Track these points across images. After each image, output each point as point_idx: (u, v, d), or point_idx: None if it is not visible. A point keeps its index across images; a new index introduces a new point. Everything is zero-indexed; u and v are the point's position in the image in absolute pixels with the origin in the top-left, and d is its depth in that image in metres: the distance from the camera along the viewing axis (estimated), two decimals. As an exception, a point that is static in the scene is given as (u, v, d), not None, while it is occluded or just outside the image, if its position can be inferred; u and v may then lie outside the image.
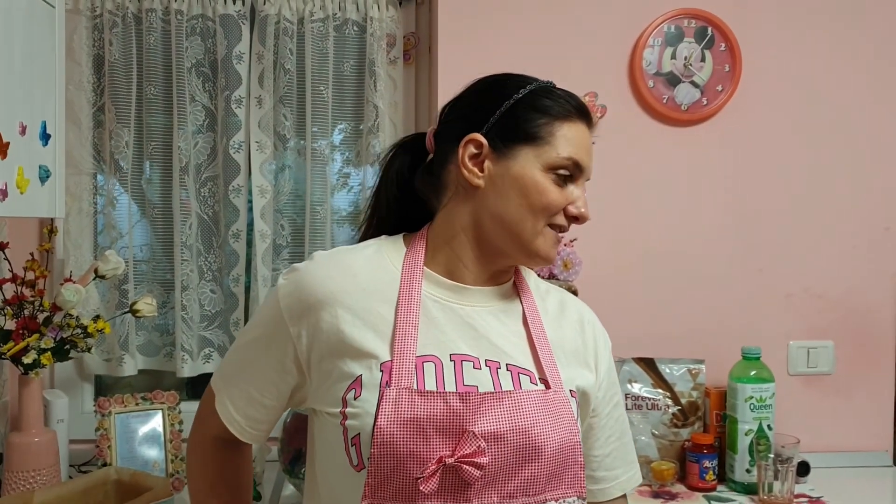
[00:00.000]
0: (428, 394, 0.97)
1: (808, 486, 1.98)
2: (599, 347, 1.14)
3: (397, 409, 0.96)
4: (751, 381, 1.96)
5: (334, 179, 2.20)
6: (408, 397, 0.97)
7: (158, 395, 1.99)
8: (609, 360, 1.15)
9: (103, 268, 1.84)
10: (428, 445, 0.95)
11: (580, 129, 1.06)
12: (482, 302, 1.07)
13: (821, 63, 2.16)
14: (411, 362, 0.99)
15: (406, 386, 0.97)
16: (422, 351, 1.00)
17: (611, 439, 1.15)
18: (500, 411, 0.97)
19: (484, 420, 0.96)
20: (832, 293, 2.19)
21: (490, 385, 0.99)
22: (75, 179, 2.09)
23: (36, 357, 1.71)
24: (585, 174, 1.08)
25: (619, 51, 2.12)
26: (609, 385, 1.14)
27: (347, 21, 2.16)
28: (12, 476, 1.72)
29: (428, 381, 0.98)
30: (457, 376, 0.99)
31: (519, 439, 0.97)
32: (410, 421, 0.95)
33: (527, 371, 1.03)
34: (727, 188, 2.16)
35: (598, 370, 1.13)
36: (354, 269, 1.05)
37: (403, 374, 0.98)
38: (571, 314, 1.14)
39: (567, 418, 1.01)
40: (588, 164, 1.07)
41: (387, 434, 0.95)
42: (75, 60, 2.07)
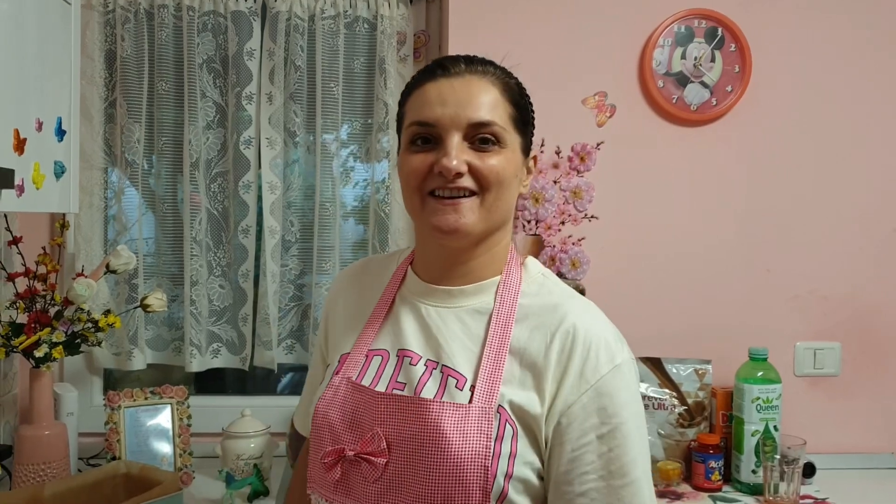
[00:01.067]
0: (360, 388, 1.02)
1: (813, 488, 1.99)
2: (570, 372, 0.96)
3: (335, 396, 1.04)
4: (757, 382, 1.97)
5: (342, 175, 2.20)
6: (345, 387, 1.04)
7: (167, 390, 2.01)
8: (588, 392, 0.95)
9: (115, 262, 1.85)
10: (349, 436, 1.00)
11: (430, 87, 1.01)
12: (449, 302, 1.05)
13: (830, 64, 2.16)
14: (363, 354, 1.06)
15: (348, 376, 1.04)
16: (378, 345, 1.07)
17: (587, 477, 0.94)
18: (408, 417, 0.96)
19: (392, 422, 0.97)
20: (839, 294, 2.19)
21: (415, 384, 0.99)
22: (86, 174, 2.10)
23: (47, 351, 1.73)
24: (455, 123, 0.98)
25: (628, 50, 2.13)
26: (586, 414, 0.95)
27: (358, 18, 2.17)
28: (23, 468, 1.74)
29: (369, 373, 1.04)
30: (395, 371, 1.03)
31: (418, 449, 0.94)
32: (341, 408, 1.02)
33: (460, 376, 0.98)
34: (735, 189, 2.17)
35: (560, 392, 0.96)
36: (359, 273, 1.18)
37: (351, 365, 1.06)
38: (556, 327, 0.99)
39: (477, 435, 0.93)
40: (450, 113, 0.98)
41: (320, 416, 1.04)
42: (87, 56, 2.08)
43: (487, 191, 0.99)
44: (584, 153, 2.11)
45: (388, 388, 1.00)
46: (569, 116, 2.11)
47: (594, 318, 1.02)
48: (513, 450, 0.94)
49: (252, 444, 1.92)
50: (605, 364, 0.96)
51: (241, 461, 1.89)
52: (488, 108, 1.00)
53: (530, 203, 2.10)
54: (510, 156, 1.02)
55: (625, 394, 0.96)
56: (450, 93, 1.00)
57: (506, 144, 1.01)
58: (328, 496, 1.01)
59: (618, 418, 0.95)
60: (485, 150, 1.00)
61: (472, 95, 1.00)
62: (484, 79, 1.02)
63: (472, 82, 1.01)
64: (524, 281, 1.06)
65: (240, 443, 1.91)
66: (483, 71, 1.03)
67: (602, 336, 0.99)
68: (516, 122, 1.03)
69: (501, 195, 1.01)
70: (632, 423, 0.96)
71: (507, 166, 1.01)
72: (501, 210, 1.03)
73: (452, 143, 0.98)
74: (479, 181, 0.99)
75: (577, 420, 0.94)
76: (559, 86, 2.10)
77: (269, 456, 1.95)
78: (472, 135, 0.99)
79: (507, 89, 1.03)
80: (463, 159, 0.98)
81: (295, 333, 2.23)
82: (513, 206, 1.06)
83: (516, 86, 1.06)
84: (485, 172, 0.99)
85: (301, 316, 2.23)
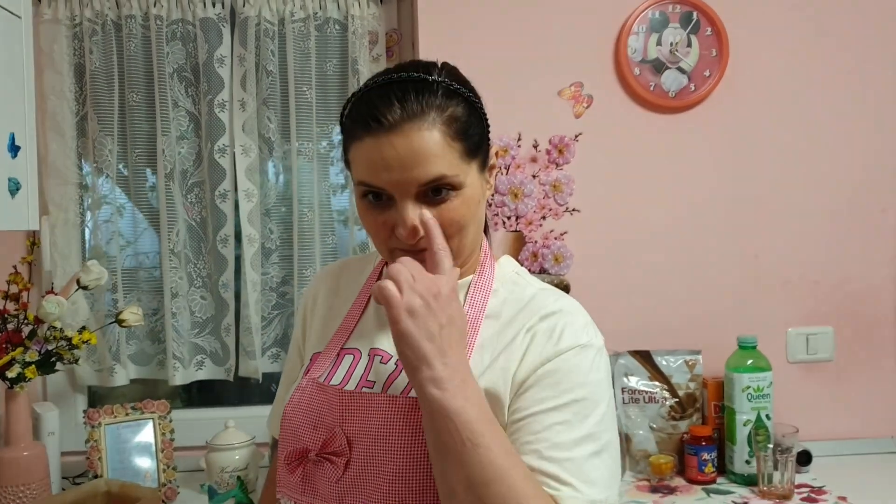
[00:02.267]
0: (326, 387, 1.02)
1: (810, 476, 1.95)
2: (532, 349, 0.96)
3: (301, 398, 1.04)
4: (747, 371, 1.93)
5: (321, 181, 2.17)
6: (311, 388, 1.04)
7: (149, 405, 1.98)
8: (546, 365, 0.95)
9: (85, 278, 1.82)
10: (311, 436, 1.00)
11: (369, 144, 0.93)
12: None
13: (809, 43, 2.12)
14: (335, 353, 1.06)
15: (314, 377, 1.04)
16: (350, 344, 1.07)
17: (529, 447, 0.91)
18: (369, 414, 0.96)
19: (353, 420, 0.97)
20: (830, 278, 2.15)
21: (384, 380, 1.00)
22: (60, 190, 2.08)
23: (20, 371, 1.70)
24: (405, 188, 0.93)
25: (603, 39, 2.09)
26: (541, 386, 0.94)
27: (329, 20, 2.14)
28: (2, 491, 1.71)
29: (339, 371, 1.04)
30: (366, 370, 1.02)
31: (376, 445, 0.94)
32: (307, 411, 1.02)
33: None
34: (719, 175, 2.13)
35: (520, 368, 0.96)
36: (337, 273, 1.19)
37: (319, 365, 1.06)
38: (526, 319, 1.00)
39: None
40: (396, 178, 0.92)
41: (287, 419, 1.04)
42: (56, 70, 2.06)
43: (450, 238, 0.96)
44: (563, 145, 2.08)
45: (357, 386, 1.01)
46: (545, 109, 2.08)
47: (567, 304, 1.02)
48: None
49: (237, 456, 1.89)
50: (568, 341, 0.96)
51: (225, 473, 1.87)
52: (436, 162, 0.92)
53: (509, 199, 2.07)
54: (469, 191, 0.96)
55: (584, 375, 0.95)
56: (392, 155, 0.92)
57: (463, 185, 0.95)
58: (296, 498, 1.01)
59: (570, 395, 0.93)
60: (441, 200, 0.95)
61: (414, 154, 0.92)
62: (424, 125, 0.92)
63: (411, 136, 0.91)
64: (497, 279, 1.06)
65: (224, 455, 1.89)
66: (421, 114, 0.92)
67: (571, 319, 0.99)
68: (469, 153, 0.96)
69: (467, 235, 0.99)
70: (589, 406, 0.93)
71: (469, 205, 0.97)
72: (471, 242, 1.01)
73: (406, 211, 0.94)
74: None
75: (530, 390, 0.94)
76: (534, 79, 2.07)
77: (255, 467, 1.93)
78: (424, 191, 0.94)
79: (450, 125, 0.94)
80: (418, 220, 0.94)
81: (279, 342, 2.20)
82: (482, 223, 1.05)
83: (461, 108, 0.96)
84: (444, 226, 0.95)
85: (284, 324, 2.20)
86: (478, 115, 0.99)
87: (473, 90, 1.01)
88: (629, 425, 1.99)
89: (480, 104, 1.01)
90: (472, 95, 0.99)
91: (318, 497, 0.98)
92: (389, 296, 0.87)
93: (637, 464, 1.99)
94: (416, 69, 0.97)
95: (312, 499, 0.99)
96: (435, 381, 0.86)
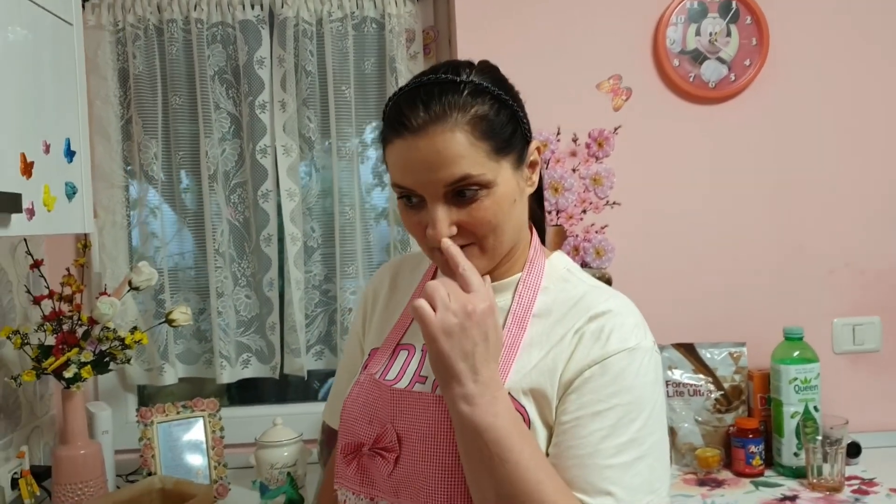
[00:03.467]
0: (381, 384, 1.04)
1: (860, 468, 1.93)
2: (580, 349, 0.96)
3: (359, 393, 1.06)
4: (794, 363, 1.92)
5: (362, 178, 2.19)
6: (368, 383, 1.06)
7: (199, 403, 2.02)
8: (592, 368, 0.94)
9: (137, 279, 1.86)
10: (366, 431, 1.02)
11: (399, 147, 0.96)
12: None
13: (850, 30, 2.10)
14: (389, 350, 1.09)
15: (371, 372, 1.07)
16: (406, 339, 1.10)
17: (573, 451, 0.92)
18: (420, 413, 0.98)
19: (405, 418, 0.99)
20: (876, 267, 2.12)
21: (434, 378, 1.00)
22: (108, 193, 2.12)
23: (76, 371, 1.74)
24: (432, 189, 0.95)
25: (641, 31, 2.08)
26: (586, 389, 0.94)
27: (366, 19, 2.16)
28: (61, 489, 1.76)
29: (395, 367, 1.06)
30: (419, 366, 1.04)
31: (423, 444, 0.96)
32: (363, 406, 1.04)
33: None
34: (762, 165, 2.11)
35: (567, 369, 0.96)
36: (396, 270, 1.21)
37: (376, 360, 1.09)
38: (577, 318, 0.99)
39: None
40: (422, 179, 0.95)
41: (346, 413, 1.06)
42: (101, 75, 2.10)
43: (484, 238, 0.98)
44: (602, 139, 2.08)
45: (410, 382, 1.03)
46: (584, 103, 2.08)
47: (617, 304, 1.00)
48: None
49: (285, 453, 1.92)
50: (616, 344, 0.95)
51: (274, 470, 1.89)
52: (460, 163, 0.93)
53: (550, 193, 2.07)
54: (501, 189, 0.97)
55: (633, 379, 0.94)
56: (417, 157, 0.94)
57: (492, 183, 0.96)
58: (353, 489, 1.04)
59: (616, 399, 0.93)
60: (471, 200, 0.95)
61: (439, 155, 0.93)
62: (447, 126, 0.93)
63: (435, 138, 0.93)
64: (547, 277, 1.06)
65: (273, 452, 1.91)
66: (444, 115, 0.93)
67: (619, 318, 0.98)
68: (498, 151, 0.96)
69: (503, 232, 0.99)
70: (634, 410, 0.93)
71: (501, 203, 0.97)
72: (509, 240, 1.01)
73: (435, 212, 0.96)
74: (473, 233, 0.97)
75: (575, 392, 0.94)
76: (572, 72, 2.07)
77: (303, 464, 1.95)
78: (452, 192, 0.95)
79: (475, 125, 0.94)
80: (449, 223, 0.96)
81: (323, 339, 2.23)
82: (523, 222, 1.04)
83: (488, 106, 0.96)
84: (475, 226, 0.97)
85: (328, 321, 2.22)
86: (510, 112, 0.99)
87: (507, 87, 1.01)
88: (674, 418, 1.99)
89: (513, 101, 1.00)
90: (502, 93, 0.98)
91: (376, 488, 1.01)
92: (424, 315, 0.90)
93: (683, 457, 1.98)
94: (447, 70, 0.98)
95: (371, 490, 1.02)
96: (466, 398, 0.89)
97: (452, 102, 0.94)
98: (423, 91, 0.96)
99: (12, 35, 1.25)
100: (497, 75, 1.01)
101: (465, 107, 0.94)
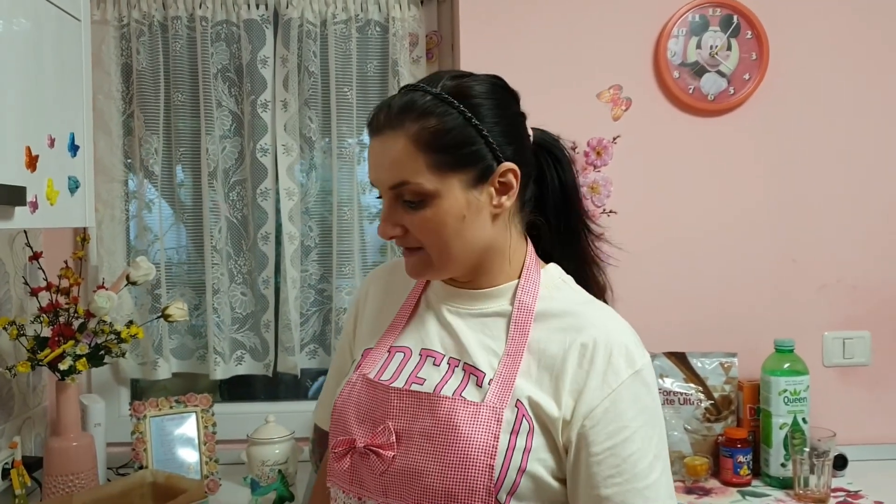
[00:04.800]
0: (376, 384, 1.05)
1: (845, 480, 1.95)
2: (592, 377, 0.97)
3: (351, 392, 1.07)
4: (784, 374, 1.94)
5: (360, 180, 2.20)
6: (361, 383, 1.07)
7: (192, 398, 2.02)
8: (610, 396, 0.96)
9: (135, 274, 1.87)
10: (359, 429, 1.03)
11: (370, 146, 1.03)
12: (471, 305, 1.07)
13: (850, 46, 2.12)
14: (385, 350, 1.09)
15: (364, 373, 1.07)
16: (401, 342, 1.10)
17: (612, 480, 0.95)
18: (421, 412, 0.99)
19: (403, 417, 1.00)
20: (867, 283, 2.14)
21: (437, 381, 1.02)
22: (107, 187, 2.13)
23: (72, 363, 1.75)
24: (381, 188, 1.02)
25: (642, 42, 2.10)
26: (608, 419, 0.96)
27: (370, 22, 2.17)
28: (52, 480, 1.76)
29: (390, 368, 1.07)
30: (416, 368, 1.05)
31: (426, 443, 0.97)
32: (356, 405, 1.05)
33: (480, 373, 1.00)
34: (757, 178, 2.13)
35: (582, 397, 0.96)
36: (389, 273, 1.21)
37: (370, 361, 1.09)
38: (576, 333, 1.00)
39: (485, 433, 0.95)
40: (374, 177, 1.02)
41: (338, 412, 1.07)
42: (104, 70, 2.10)
43: (429, 246, 1.02)
44: (601, 147, 2.09)
45: (406, 382, 1.03)
46: (584, 111, 2.09)
47: (614, 323, 1.03)
48: (527, 444, 0.96)
49: (277, 450, 1.93)
50: (626, 369, 0.98)
51: (265, 467, 1.90)
52: (398, 168, 0.98)
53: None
54: (446, 204, 0.98)
55: (645, 398, 0.99)
56: (372, 154, 1.02)
57: (433, 194, 0.98)
58: (344, 487, 1.05)
59: (638, 422, 0.97)
60: (413, 207, 1.00)
61: (384, 156, 1.00)
62: (396, 132, 0.98)
63: (385, 141, 0.99)
64: (543, 285, 1.07)
65: (264, 449, 1.92)
66: (398, 121, 0.98)
67: (622, 341, 1.00)
68: (443, 166, 0.98)
69: (448, 244, 1.01)
70: (651, 426, 0.99)
71: (444, 216, 0.99)
72: (460, 252, 1.02)
73: (383, 211, 1.03)
74: (417, 240, 1.02)
75: (600, 424, 0.96)
76: (573, 81, 2.09)
77: (295, 461, 1.96)
78: (398, 195, 1.00)
79: (420, 136, 0.97)
80: (392, 224, 1.02)
81: (317, 338, 2.24)
82: (481, 238, 1.03)
83: (448, 121, 0.97)
84: (416, 231, 1.01)
85: (323, 321, 2.24)
86: (473, 130, 0.99)
87: (484, 108, 1.00)
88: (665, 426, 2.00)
89: (483, 121, 0.99)
90: (467, 111, 0.98)
91: (364, 488, 1.02)
92: None
93: (671, 465, 1.99)
94: (428, 80, 1.02)
95: (359, 489, 1.02)
96: None
97: (409, 110, 0.98)
98: (397, 97, 1.01)
99: (19, 28, 1.26)
100: (476, 90, 1.00)
101: (419, 118, 0.97)
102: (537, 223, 1.12)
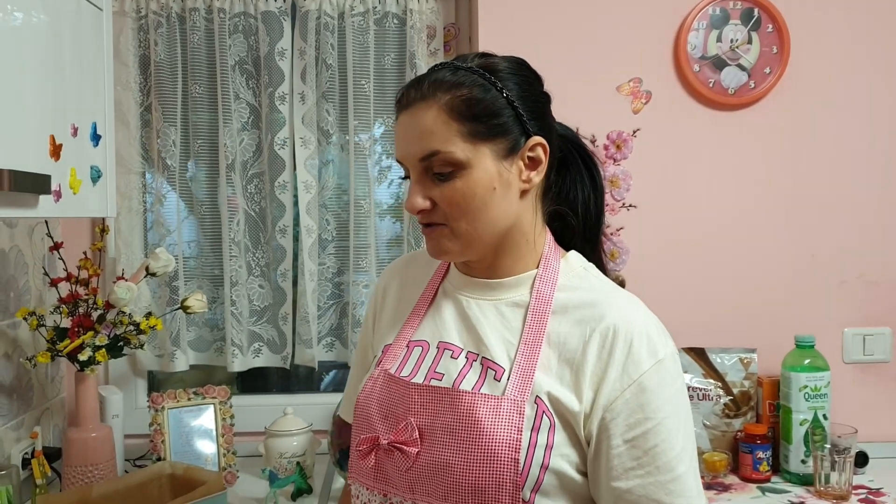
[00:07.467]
0: (397, 379, 1.04)
1: (867, 478, 1.94)
2: (612, 368, 0.95)
3: (373, 388, 1.06)
4: (805, 370, 1.92)
5: (377, 173, 2.20)
6: (382, 379, 1.06)
7: (210, 390, 2.02)
8: (631, 388, 0.94)
9: (154, 265, 1.87)
10: (382, 426, 1.02)
11: (397, 123, 1.03)
12: (489, 295, 1.06)
13: (871, 40, 2.10)
14: (404, 345, 1.09)
15: (385, 368, 1.07)
16: (419, 335, 1.09)
17: (634, 472, 0.93)
18: (442, 408, 0.98)
19: (425, 413, 0.99)
20: (888, 279, 2.13)
21: (455, 375, 1.01)
22: (125, 179, 2.13)
23: (91, 354, 1.75)
24: (410, 162, 1.01)
25: (662, 35, 2.09)
26: (630, 410, 0.94)
27: (388, 14, 2.16)
28: (71, 470, 1.77)
29: (409, 363, 1.06)
30: (434, 362, 1.04)
31: (450, 439, 0.95)
32: (379, 400, 1.04)
33: (498, 367, 0.99)
34: (777, 172, 2.11)
35: (602, 388, 0.95)
36: (406, 266, 1.21)
37: (390, 356, 1.09)
38: (597, 323, 0.98)
39: (507, 427, 0.94)
40: (403, 153, 1.02)
41: (360, 408, 1.07)
42: (122, 61, 2.10)
43: (455, 220, 1.00)
44: (620, 141, 2.08)
45: (426, 378, 1.02)
46: (603, 104, 2.08)
47: (636, 312, 1.00)
48: (549, 441, 0.94)
49: (295, 442, 1.93)
50: (648, 359, 0.95)
51: (283, 459, 1.90)
52: (430, 138, 0.97)
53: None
54: (477, 174, 0.98)
55: (668, 389, 0.96)
56: (402, 129, 1.01)
57: (467, 165, 0.97)
58: (367, 484, 1.03)
59: (662, 413, 0.94)
60: (443, 179, 0.99)
61: (415, 129, 0.99)
62: (428, 103, 0.98)
63: (416, 113, 0.99)
64: (564, 274, 1.05)
65: (282, 441, 1.92)
66: (429, 94, 0.98)
67: (644, 330, 0.97)
68: (475, 135, 0.97)
69: (476, 218, 1.00)
70: (676, 418, 0.95)
71: (474, 187, 0.98)
72: (485, 229, 1.01)
73: (413, 183, 1.01)
74: (445, 213, 1.00)
75: (621, 416, 0.94)
76: (593, 74, 2.08)
77: (312, 453, 1.96)
78: (427, 167, 0.99)
79: (454, 105, 0.97)
80: (423, 196, 1.00)
81: (334, 331, 2.23)
82: (508, 214, 1.02)
83: (477, 92, 0.98)
84: (445, 204, 1.00)
85: (340, 314, 2.23)
86: (503, 101, 0.99)
87: (510, 79, 1.00)
88: (682, 422, 1.99)
89: (511, 93, 0.99)
90: (498, 82, 0.98)
91: (390, 484, 1.00)
92: None
93: (690, 460, 1.99)
94: (458, 58, 1.03)
95: (385, 486, 1.01)
96: None
97: (440, 83, 0.98)
98: (427, 73, 1.02)
99: (43, 17, 1.26)
100: (502, 66, 1.01)
101: (450, 88, 0.98)
102: (561, 213, 1.10)
